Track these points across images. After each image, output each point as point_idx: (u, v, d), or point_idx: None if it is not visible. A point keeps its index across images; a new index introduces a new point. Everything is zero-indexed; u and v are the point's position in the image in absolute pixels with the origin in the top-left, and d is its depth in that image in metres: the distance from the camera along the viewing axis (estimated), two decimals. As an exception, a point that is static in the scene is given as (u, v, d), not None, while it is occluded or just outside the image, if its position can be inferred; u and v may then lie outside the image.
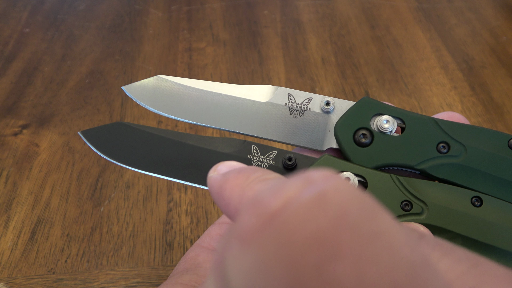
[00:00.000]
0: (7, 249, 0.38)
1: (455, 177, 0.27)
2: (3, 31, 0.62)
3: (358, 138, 0.28)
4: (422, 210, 0.26)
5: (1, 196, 0.42)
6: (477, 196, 0.26)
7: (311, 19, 0.63)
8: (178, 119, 0.30)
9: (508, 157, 0.27)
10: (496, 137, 0.27)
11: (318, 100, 0.29)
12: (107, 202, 0.41)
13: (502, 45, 0.58)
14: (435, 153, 0.27)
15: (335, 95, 0.52)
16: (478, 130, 0.27)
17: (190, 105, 0.30)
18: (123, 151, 0.29)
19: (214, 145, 0.29)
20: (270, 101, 0.30)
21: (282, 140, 0.29)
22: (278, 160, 0.28)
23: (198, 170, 0.28)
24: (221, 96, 0.30)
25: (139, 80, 0.54)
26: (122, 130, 0.29)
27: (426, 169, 0.27)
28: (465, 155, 0.27)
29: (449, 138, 0.27)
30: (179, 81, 0.31)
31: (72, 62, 0.57)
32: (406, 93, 0.52)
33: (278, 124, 0.29)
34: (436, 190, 0.26)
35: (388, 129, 0.28)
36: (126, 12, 0.65)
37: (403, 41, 0.59)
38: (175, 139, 0.29)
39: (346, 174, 0.26)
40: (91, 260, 0.37)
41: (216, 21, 0.63)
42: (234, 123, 0.30)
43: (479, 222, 0.25)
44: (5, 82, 0.54)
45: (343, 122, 0.28)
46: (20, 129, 0.49)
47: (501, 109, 0.50)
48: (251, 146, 0.29)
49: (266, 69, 0.55)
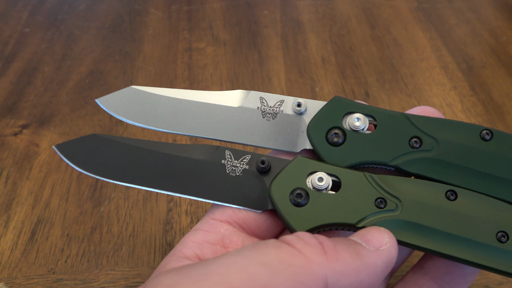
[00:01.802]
0: (7, 249, 0.38)
1: (429, 171, 0.27)
2: (3, 31, 0.62)
3: (331, 137, 0.28)
4: (397, 206, 0.26)
5: (1, 196, 0.42)
6: (451, 190, 0.26)
7: (311, 19, 0.63)
8: (152, 128, 0.30)
9: (480, 148, 0.26)
10: (467, 129, 0.27)
11: (290, 102, 0.30)
12: (107, 202, 0.41)
13: (502, 45, 0.58)
14: (407, 149, 0.27)
15: (335, 95, 0.52)
16: (449, 123, 0.27)
17: (163, 114, 0.30)
18: (99, 163, 0.29)
19: (188, 152, 0.29)
20: (242, 106, 0.30)
21: (256, 144, 0.29)
22: (252, 164, 0.28)
23: (173, 178, 0.28)
24: (193, 104, 0.30)
25: (139, 80, 0.54)
26: (97, 142, 0.30)
27: (400, 165, 0.27)
28: (437, 149, 0.27)
29: (421, 132, 0.27)
30: (152, 90, 0.31)
31: (72, 62, 0.57)
32: (406, 93, 0.52)
33: (252, 128, 0.30)
34: (410, 186, 0.26)
35: (359, 127, 0.28)
36: (126, 12, 0.65)
37: (403, 41, 0.59)
38: (149, 149, 0.29)
39: (320, 174, 0.26)
40: (91, 260, 0.37)
41: (216, 21, 0.63)
42: (207, 129, 0.30)
43: (454, 216, 0.25)
44: (5, 82, 0.54)
45: (315, 122, 0.28)
46: (20, 129, 0.49)
47: (501, 109, 0.50)
48: (224, 151, 0.29)
49: (266, 69, 0.55)
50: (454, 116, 0.49)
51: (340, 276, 0.20)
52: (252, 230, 0.28)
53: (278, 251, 0.20)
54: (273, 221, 0.28)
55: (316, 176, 0.26)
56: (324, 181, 0.26)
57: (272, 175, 0.28)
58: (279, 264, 0.19)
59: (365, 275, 0.21)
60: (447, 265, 0.28)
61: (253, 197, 0.28)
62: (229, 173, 0.28)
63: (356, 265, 0.21)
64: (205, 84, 0.53)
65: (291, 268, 0.19)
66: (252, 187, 0.28)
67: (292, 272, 0.19)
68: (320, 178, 0.26)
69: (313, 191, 0.26)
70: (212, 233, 0.27)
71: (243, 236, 0.28)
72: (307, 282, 0.19)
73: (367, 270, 0.21)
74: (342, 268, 0.20)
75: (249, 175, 0.28)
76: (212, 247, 0.26)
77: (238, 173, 0.28)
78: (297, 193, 0.26)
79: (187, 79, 0.54)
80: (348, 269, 0.21)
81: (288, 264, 0.19)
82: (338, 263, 0.20)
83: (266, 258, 0.20)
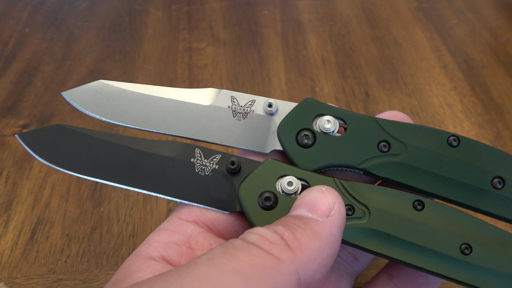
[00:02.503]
0: (7, 249, 0.38)
1: (397, 176, 0.27)
2: (3, 31, 0.62)
3: (301, 139, 0.28)
4: (364, 214, 0.26)
5: (1, 196, 0.42)
6: (419, 200, 0.26)
7: (311, 19, 0.63)
8: (119, 124, 0.29)
9: (447, 154, 0.27)
10: (435, 135, 0.27)
11: (261, 102, 0.29)
12: (107, 202, 0.41)
13: (502, 45, 0.58)
14: (376, 152, 0.27)
15: (335, 95, 0.52)
16: (418, 128, 0.28)
17: (131, 110, 0.29)
18: (62, 155, 0.28)
19: (157, 149, 0.28)
20: (213, 104, 0.30)
21: (226, 143, 0.29)
22: (221, 164, 0.28)
23: (140, 174, 0.28)
24: (163, 100, 0.30)
25: (139, 80, 0.54)
26: (62, 133, 0.29)
27: (368, 168, 0.27)
28: (405, 154, 0.27)
29: (390, 136, 0.27)
30: (121, 85, 0.30)
31: (72, 62, 0.57)
32: (406, 93, 0.52)
33: (222, 127, 0.29)
34: (379, 194, 0.26)
35: (329, 129, 0.28)
36: (126, 12, 0.65)
37: (403, 41, 0.59)
38: (116, 142, 0.28)
39: (289, 178, 0.26)
40: (91, 260, 0.37)
41: (216, 21, 0.63)
42: (177, 127, 0.29)
43: (420, 227, 0.25)
44: (5, 82, 0.54)
45: (285, 123, 0.28)
46: (20, 129, 0.49)
47: (501, 109, 0.50)
48: (194, 149, 0.28)
49: (266, 69, 0.55)
50: (454, 116, 0.49)
51: (308, 264, 0.21)
52: (219, 231, 0.28)
53: (248, 255, 0.20)
54: (240, 223, 0.28)
55: (285, 180, 0.26)
56: (294, 185, 0.26)
57: (241, 176, 0.27)
58: (252, 270, 0.19)
59: (328, 248, 0.22)
60: (411, 274, 0.28)
61: (222, 198, 0.27)
62: (198, 172, 0.28)
63: (318, 246, 0.21)
64: (205, 84, 0.53)
65: (264, 272, 0.20)
66: (220, 187, 0.27)
67: (266, 276, 0.19)
68: (289, 182, 0.26)
69: (282, 195, 0.26)
70: (178, 233, 0.27)
71: (210, 237, 0.27)
72: (281, 282, 0.20)
73: (328, 244, 0.22)
74: (308, 256, 0.21)
75: (218, 175, 0.28)
76: (177, 248, 0.26)
77: (207, 173, 0.28)
78: (266, 196, 0.26)
79: (187, 79, 0.54)
80: (313, 254, 0.21)
81: (260, 268, 0.20)
82: (303, 254, 0.21)
83: (238, 265, 0.19)
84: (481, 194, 0.26)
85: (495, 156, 0.27)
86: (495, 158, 0.27)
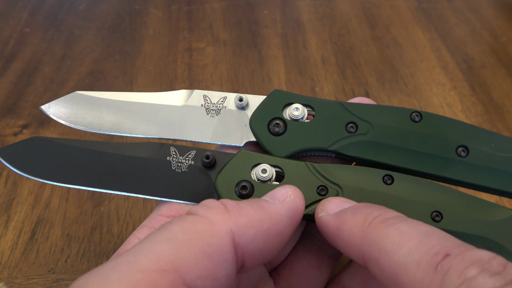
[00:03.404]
0: (7, 249, 0.38)
1: (366, 154, 0.28)
2: (3, 31, 0.62)
3: (273, 128, 0.29)
4: (337, 193, 0.27)
5: (1, 196, 0.42)
6: (388, 175, 0.27)
7: (311, 19, 0.63)
8: (98, 132, 0.30)
9: (410, 129, 0.28)
10: (398, 113, 0.29)
11: (232, 98, 0.31)
12: (107, 202, 0.41)
13: (502, 45, 0.58)
14: (344, 133, 0.29)
15: (335, 95, 0.52)
16: (381, 108, 0.29)
17: (108, 117, 0.31)
18: (41, 166, 0.29)
19: (132, 151, 0.29)
20: (186, 104, 0.31)
21: (202, 140, 0.30)
22: (197, 159, 0.29)
23: (118, 177, 0.28)
24: (138, 105, 0.31)
25: (139, 80, 0.54)
26: (39, 145, 0.29)
27: (339, 149, 0.28)
28: (372, 132, 0.28)
29: (356, 118, 0.29)
30: (96, 95, 0.31)
31: (72, 62, 0.57)
32: (406, 93, 0.52)
33: (196, 125, 0.30)
34: (350, 173, 0.27)
35: (299, 116, 0.29)
36: (126, 12, 0.65)
37: (403, 41, 0.59)
38: (93, 149, 0.29)
39: (263, 166, 0.27)
40: (91, 260, 0.37)
41: (216, 21, 0.63)
42: (154, 129, 0.30)
43: (391, 199, 0.26)
44: (5, 82, 0.54)
45: (257, 114, 0.30)
46: (20, 129, 0.49)
47: (501, 109, 0.50)
48: (169, 148, 0.29)
49: (266, 69, 0.55)
50: (454, 116, 0.49)
51: (244, 228, 0.21)
52: None
53: (181, 223, 0.21)
54: None
55: (259, 168, 0.27)
56: (268, 172, 0.27)
57: (217, 169, 0.28)
58: (184, 235, 0.20)
59: (271, 224, 0.22)
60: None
61: (200, 192, 0.28)
62: (175, 169, 0.29)
63: (259, 217, 0.22)
64: (205, 84, 0.53)
65: (196, 235, 0.20)
66: (198, 182, 0.28)
67: (198, 238, 0.20)
68: (263, 169, 0.27)
69: (257, 182, 0.27)
70: None
71: None
72: (213, 242, 0.20)
73: (271, 219, 0.22)
74: (245, 220, 0.21)
75: (195, 170, 0.28)
76: None
77: (184, 169, 0.29)
78: (242, 185, 0.27)
79: (187, 79, 0.54)
80: (252, 221, 0.22)
81: (192, 232, 0.20)
82: (241, 217, 0.21)
83: (170, 233, 0.20)
84: (447, 163, 0.28)
85: (457, 127, 0.28)
86: (457, 128, 0.28)
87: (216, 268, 0.20)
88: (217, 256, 0.20)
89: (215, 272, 0.20)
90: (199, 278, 0.19)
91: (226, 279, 0.20)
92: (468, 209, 0.26)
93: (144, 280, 0.18)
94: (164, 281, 0.18)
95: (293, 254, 0.31)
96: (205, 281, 0.19)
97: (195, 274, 0.19)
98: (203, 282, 0.19)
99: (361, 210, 0.22)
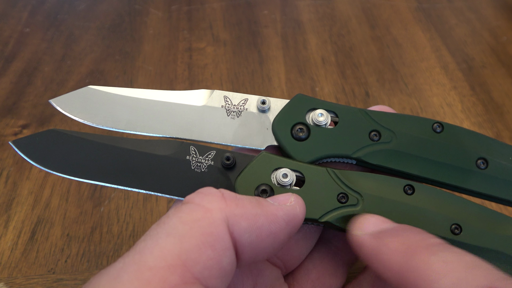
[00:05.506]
0: (7, 249, 0.38)
1: (388, 162, 0.28)
2: (3, 31, 0.62)
3: (296, 132, 0.29)
4: (358, 201, 0.26)
5: (1, 196, 0.42)
6: (409, 185, 0.27)
7: (311, 19, 0.63)
8: (112, 129, 0.29)
9: (432, 139, 0.28)
10: (421, 123, 0.29)
11: (254, 100, 0.30)
12: (107, 202, 0.41)
13: (502, 45, 0.58)
14: (368, 141, 0.29)
15: (335, 95, 0.52)
16: (404, 117, 0.29)
17: (123, 114, 0.30)
18: (57, 159, 0.28)
19: (152, 148, 0.29)
20: (206, 105, 0.30)
21: (222, 142, 0.29)
22: (217, 160, 0.28)
23: (136, 174, 0.28)
24: (156, 103, 0.30)
25: (139, 80, 0.54)
26: (56, 138, 0.29)
27: (362, 157, 0.28)
28: (395, 141, 0.28)
29: (379, 126, 0.29)
30: (111, 90, 0.30)
31: (72, 62, 0.57)
32: (406, 93, 0.52)
33: (217, 126, 0.30)
34: (371, 181, 0.27)
35: (323, 122, 0.29)
36: (126, 12, 0.65)
37: (403, 41, 0.59)
38: (111, 144, 0.28)
39: (284, 170, 0.27)
40: (91, 260, 0.37)
41: (216, 21, 0.63)
42: (171, 129, 0.30)
43: (411, 210, 0.26)
44: (5, 82, 0.54)
45: (280, 118, 0.29)
46: (20, 129, 0.49)
47: (501, 109, 0.50)
48: (189, 147, 0.28)
49: (266, 69, 0.55)
50: (454, 116, 0.49)
51: (239, 218, 0.21)
52: None
53: (179, 214, 0.21)
54: None
55: (280, 172, 0.27)
56: (289, 177, 0.27)
57: (237, 171, 0.28)
58: (184, 226, 0.20)
59: (265, 221, 0.22)
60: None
61: None
62: (194, 169, 0.28)
63: (255, 212, 0.22)
64: (205, 84, 0.53)
65: (195, 224, 0.20)
66: (217, 183, 0.28)
67: (197, 228, 0.20)
68: (284, 174, 0.27)
69: (277, 187, 0.27)
70: None
71: None
72: (212, 230, 0.20)
73: (267, 217, 0.22)
74: (241, 211, 0.21)
75: (214, 171, 0.28)
76: None
77: (203, 169, 0.28)
78: (262, 189, 0.27)
79: (187, 79, 0.54)
80: (248, 213, 0.22)
81: (190, 222, 0.20)
82: (237, 207, 0.21)
83: (170, 227, 0.20)
84: (467, 174, 0.28)
85: (477, 139, 0.28)
86: (477, 141, 0.28)
87: (220, 256, 0.20)
88: (218, 245, 0.20)
89: (220, 261, 0.20)
90: (206, 269, 0.19)
91: (231, 268, 0.20)
92: (487, 223, 0.26)
93: (154, 278, 0.18)
94: (173, 276, 0.18)
95: (308, 260, 0.30)
96: (211, 271, 0.19)
97: (201, 266, 0.19)
98: (210, 272, 0.19)
99: (402, 234, 0.22)
